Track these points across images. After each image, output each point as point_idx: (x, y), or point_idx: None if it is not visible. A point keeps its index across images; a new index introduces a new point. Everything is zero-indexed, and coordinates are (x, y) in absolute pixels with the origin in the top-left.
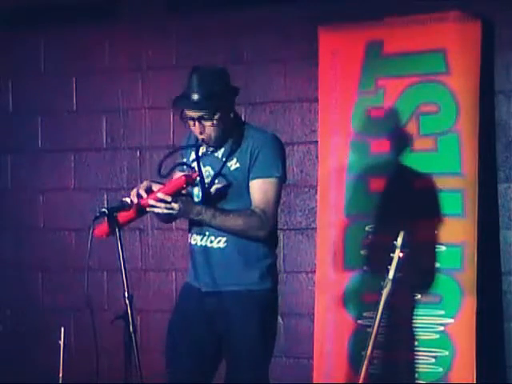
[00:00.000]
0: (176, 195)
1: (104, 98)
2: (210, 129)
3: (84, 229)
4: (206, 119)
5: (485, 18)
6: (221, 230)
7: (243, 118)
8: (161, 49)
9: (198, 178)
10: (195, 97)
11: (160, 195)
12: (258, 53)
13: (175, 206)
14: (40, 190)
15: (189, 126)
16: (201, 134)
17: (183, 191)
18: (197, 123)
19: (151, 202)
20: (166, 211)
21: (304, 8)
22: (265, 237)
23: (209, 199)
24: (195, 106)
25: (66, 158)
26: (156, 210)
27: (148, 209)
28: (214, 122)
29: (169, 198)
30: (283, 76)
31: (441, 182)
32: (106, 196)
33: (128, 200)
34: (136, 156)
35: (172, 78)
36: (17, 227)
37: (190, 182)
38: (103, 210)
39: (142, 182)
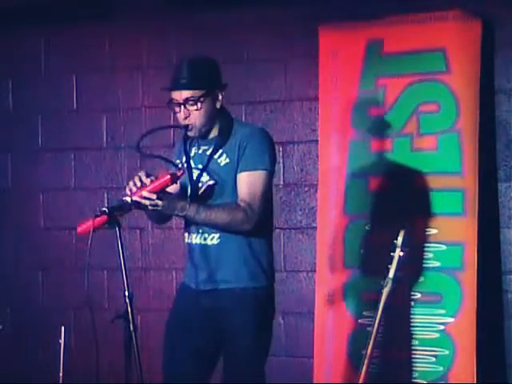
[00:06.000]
0: (161, 192)
1: (104, 97)
2: (195, 114)
3: None
4: (191, 103)
5: (485, 17)
6: (206, 225)
7: (243, 118)
8: (161, 48)
9: (187, 176)
10: (182, 80)
11: (145, 193)
12: (258, 52)
13: (159, 202)
14: (40, 190)
15: (176, 113)
16: (185, 118)
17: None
18: (182, 108)
19: (135, 198)
20: (150, 208)
21: (304, 8)
22: (251, 230)
23: (198, 195)
24: (181, 85)
25: (66, 158)
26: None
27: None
28: (199, 105)
29: (153, 196)
30: (283, 75)
31: (441, 181)
32: (106, 195)
33: (128, 199)
34: (136, 155)
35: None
36: (17, 227)
37: (175, 179)
38: (103, 209)
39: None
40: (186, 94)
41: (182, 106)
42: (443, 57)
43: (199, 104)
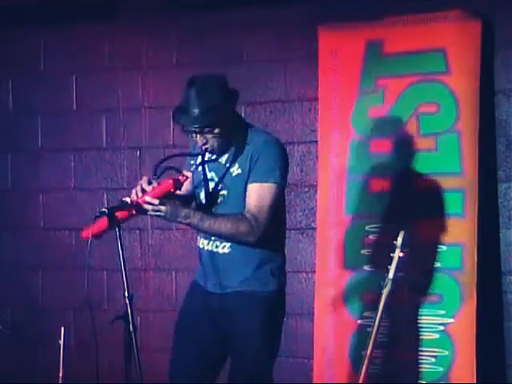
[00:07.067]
0: (165, 198)
1: (104, 98)
2: (212, 139)
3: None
4: (208, 132)
5: (485, 17)
6: (210, 234)
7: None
8: (161, 48)
9: (203, 183)
10: (194, 111)
11: (147, 198)
12: (258, 53)
13: (163, 208)
14: (40, 190)
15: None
16: (204, 144)
17: (178, 191)
18: (199, 135)
19: (138, 201)
20: (153, 213)
21: (304, 8)
22: (255, 242)
23: (212, 204)
24: (195, 121)
25: (65, 158)
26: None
27: (134, 212)
28: (216, 134)
29: (156, 201)
30: (283, 76)
31: (441, 182)
32: (105, 196)
33: (128, 199)
34: (136, 156)
35: (172, 78)
36: (17, 227)
37: (178, 185)
38: (103, 209)
39: (141, 179)
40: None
41: (198, 134)
42: (443, 57)
43: (216, 130)
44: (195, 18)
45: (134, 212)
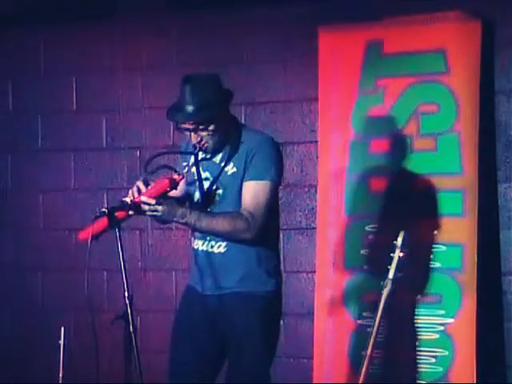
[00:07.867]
0: (161, 197)
1: (104, 98)
2: (207, 137)
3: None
4: (202, 129)
5: (485, 17)
6: (207, 233)
7: (243, 118)
8: (161, 48)
9: (197, 183)
10: (189, 108)
11: (144, 198)
12: (257, 53)
13: (159, 208)
14: (40, 190)
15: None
16: (199, 143)
17: (174, 190)
18: (193, 133)
19: (136, 200)
20: (149, 213)
21: (304, 8)
22: (252, 239)
23: (208, 203)
24: (189, 118)
25: (65, 158)
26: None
27: (130, 212)
28: (210, 131)
29: (152, 201)
30: (283, 76)
31: (441, 182)
32: (105, 196)
33: (128, 200)
34: (136, 156)
35: (172, 78)
36: (17, 227)
37: (174, 184)
38: (103, 209)
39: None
40: (194, 124)
41: (193, 132)
42: (443, 58)
43: (210, 131)
44: (195, 17)
45: (131, 212)
